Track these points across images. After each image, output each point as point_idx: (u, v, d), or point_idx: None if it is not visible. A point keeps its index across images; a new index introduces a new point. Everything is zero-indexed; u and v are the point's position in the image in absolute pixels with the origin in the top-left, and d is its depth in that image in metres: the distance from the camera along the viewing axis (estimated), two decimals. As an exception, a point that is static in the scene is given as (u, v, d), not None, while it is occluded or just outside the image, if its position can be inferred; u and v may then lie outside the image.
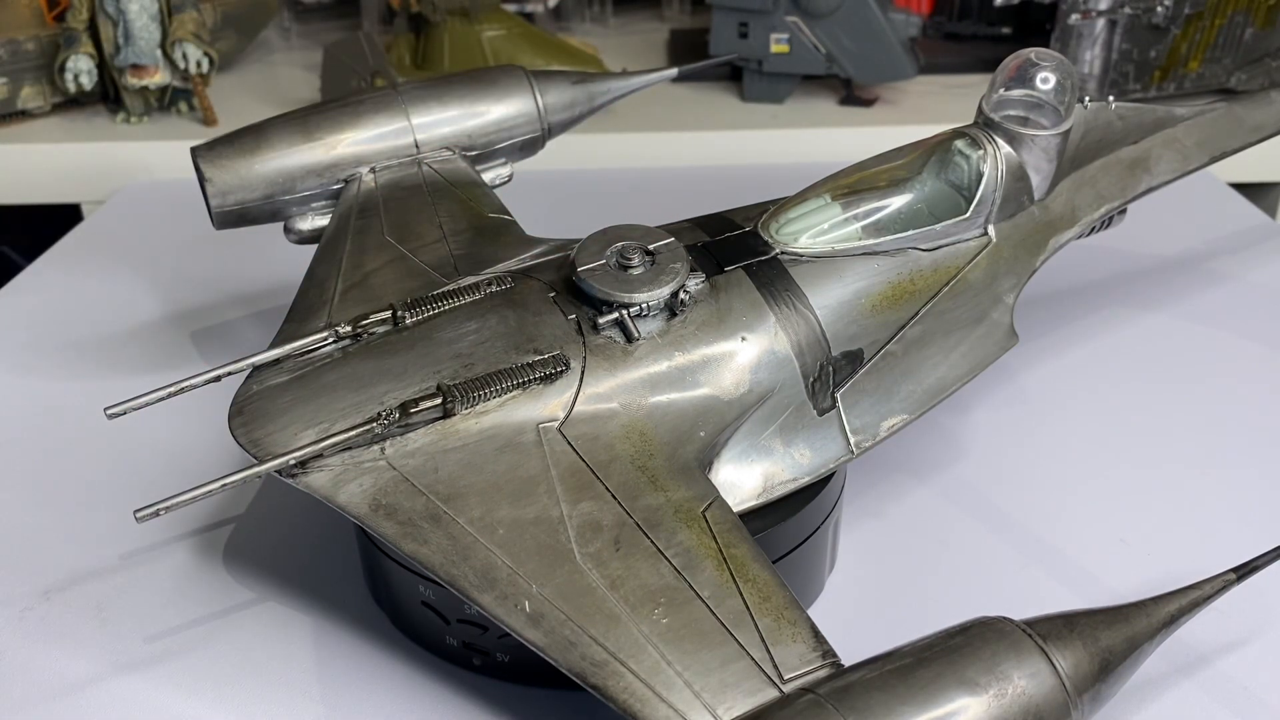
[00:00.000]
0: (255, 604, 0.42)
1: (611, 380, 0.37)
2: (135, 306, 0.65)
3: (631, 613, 0.31)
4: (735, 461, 0.38)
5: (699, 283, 0.38)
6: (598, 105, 0.54)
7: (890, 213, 0.42)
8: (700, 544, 0.33)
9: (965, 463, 0.50)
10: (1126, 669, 0.30)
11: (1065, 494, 0.48)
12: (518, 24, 0.96)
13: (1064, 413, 0.54)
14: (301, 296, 0.42)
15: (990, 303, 0.43)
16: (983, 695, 0.28)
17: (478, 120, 0.50)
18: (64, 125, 0.90)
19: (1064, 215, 0.46)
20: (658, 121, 0.88)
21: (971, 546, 0.45)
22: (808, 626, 0.31)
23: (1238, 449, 0.51)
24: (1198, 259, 0.68)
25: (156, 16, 0.86)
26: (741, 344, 0.38)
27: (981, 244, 0.43)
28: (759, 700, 0.29)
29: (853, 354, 0.40)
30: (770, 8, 0.87)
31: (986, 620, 0.30)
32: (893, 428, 0.40)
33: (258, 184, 0.47)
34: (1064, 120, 0.43)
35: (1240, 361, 0.58)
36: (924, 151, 0.44)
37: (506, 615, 0.31)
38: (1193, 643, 0.39)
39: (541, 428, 0.35)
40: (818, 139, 0.87)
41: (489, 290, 0.39)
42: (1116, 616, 0.31)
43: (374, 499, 0.34)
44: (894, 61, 0.88)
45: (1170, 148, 0.51)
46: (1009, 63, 0.44)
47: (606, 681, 0.30)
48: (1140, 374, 0.57)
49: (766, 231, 0.41)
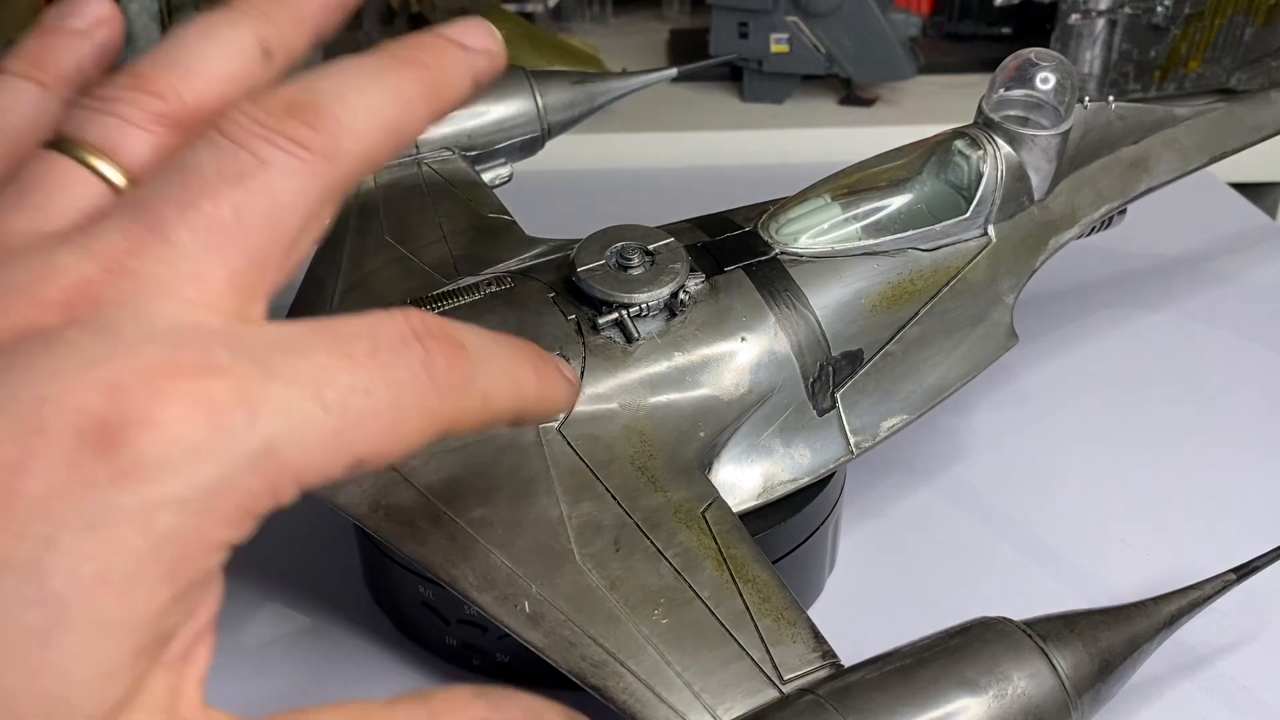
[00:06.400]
0: (255, 604, 0.42)
1: (611, 380, 0.37)
2: (135, 306, 0.65)
3: (631, 613, 0.31)
4: (735, 462, 0.38)
5: (699, 283, 0.38)
6: (598, 105, 0.54)
7: (890, 213, 0.42)
8: (700, 544, 0.33)
9: (965, 463, 0.50)
10: (1127, 669, 0.30)
11: (1065, 494, 0.48)
12: (518, 24, 0.96)
13: (1064, 413, 0.54)
14: (301, 296, 0.42)
15: (990, 303, 0.43)
16: (983, 696, 0.28)
17: (477, 120, 0.50)
18: (64, 125, 0.90)
19: (1064, 215, 0.46)
20: (658, 121, 0.88)
21: (971, 546, 0.45)
22: (807, 627, 0.31)
23: (1238, 449, 0.51)
24: (1198, 259, 0.68)
25: (156, 17, 0.86)
26: (741, 344, 0.38)
27: (981, 244, 0.43)
28: (759, 701, 0.29)
29: (853, 354, 0.40)
30: (770, 8, 0.87)
31: (986, 620, 0.30)
32: (893, 428, 0.40)
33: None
34: (1064, 120, 0.43)
35: (1240, 361, 0.58)
36: (924, 151, 0.44)
37: (506, 615, 0.31)
38: (1193, 643, 0.39)
39: (541, 428, 0.35)
40: (818, 139, 0.87)
41: (489, 290, 0.39)
42: (1116, 617, 0.31)
43: (374, 499, 0.34)
44: (894, 61, 0.88)
45: (1170, 148, 0.51)
46: (1009, 63, 0.43)
47: (606, 682, 0.30)
48: (1140, 374, 0.57)
49: (766, 232, 0.41)
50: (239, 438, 0.19)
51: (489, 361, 0.24)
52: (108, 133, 0.23)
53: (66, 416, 0.18)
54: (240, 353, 0.20)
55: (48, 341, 0.19)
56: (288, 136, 0.22)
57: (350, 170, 0.23)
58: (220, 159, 0.22)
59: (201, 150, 0.22)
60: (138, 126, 0.23)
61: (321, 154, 0.22)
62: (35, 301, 0.20)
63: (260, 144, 0.22)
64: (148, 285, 0.20)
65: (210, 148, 0.22)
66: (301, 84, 0.23)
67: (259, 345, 0.21)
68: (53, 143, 0.23)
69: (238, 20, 0.25)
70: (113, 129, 0.23)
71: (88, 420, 0.18)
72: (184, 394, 0.19)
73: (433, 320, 0.23)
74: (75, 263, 0.20)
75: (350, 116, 0.23)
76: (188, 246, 0.21)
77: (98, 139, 0.23)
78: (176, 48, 0.24)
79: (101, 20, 0.27)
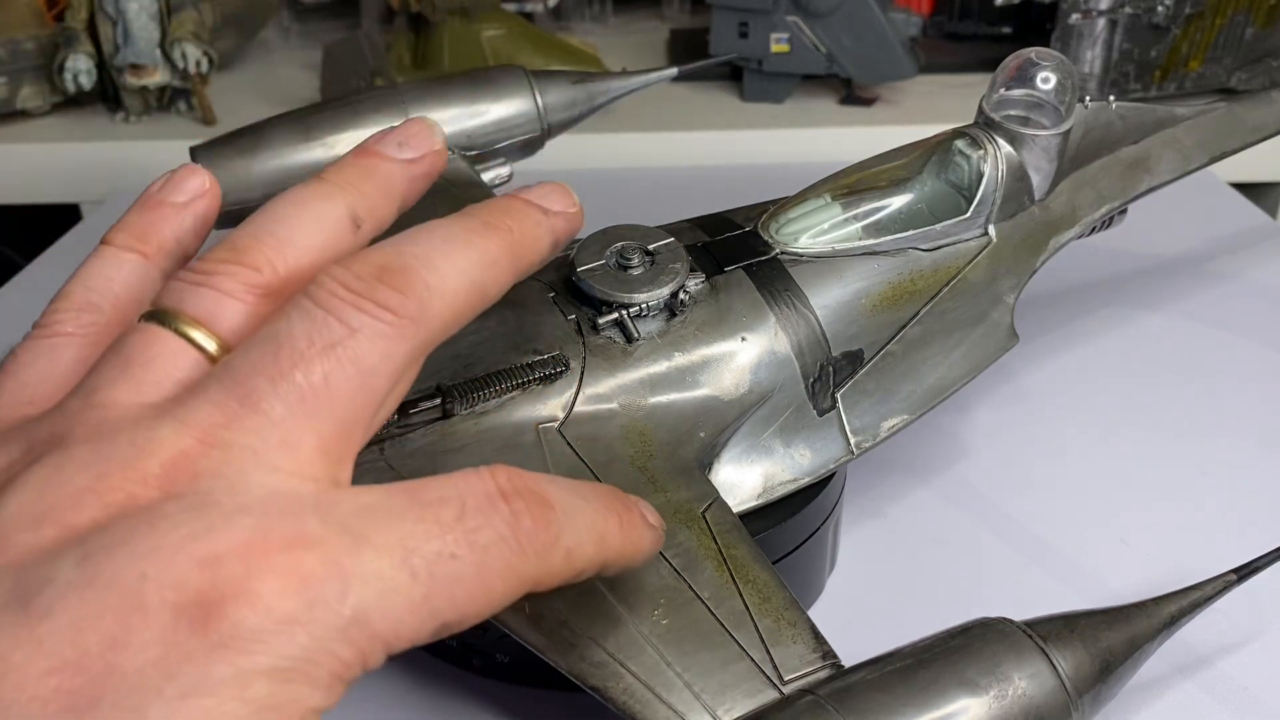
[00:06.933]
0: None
1: (611, 381, 0.37)
2: (135, 306, 0.65)
3: (631, 613, 0.31)
4: (735, 462, 0.38)
5: (699, 283, 0.38)
6: (598, 105, 0.54)
7: (890, 213, 0.42)
8: (700, 545, 0.33)
9: (965, 463, 0.50)
10: (1127, 670, 0.30)
11: (1065, 494, 0.48)
12: (518, 23, 0.96)
13: (1064, 413, 0.54)
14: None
15: (990, 303, 0.43)
16: (983, 696, 0.28)
17: (477, 120, 0.50)
18: (63, 125, 0.90)
19: (1064, 215, 0.46)
20: (658, 121, 0.88)
21: (971, 546, 0.45)
22: (808, 627, 0.31)
23: (1238, 449, 0.51)
24: (1198, 259, 0.68)
25: (156, 16, 0.86)
26: (741, 344, 0.38)
27: (982, 244, 0.43)
28: (759, 701, 0.29)
29: (853, 354, 0.40)
30: (770, 7, 0.87)
31: (987, 621, 0.30)
32: (893, 428, 0.40)
33: (257, 184, 0.47)
34: (1065, 120, 0.43)
35: (1240, 361, 0.58)
36: (924, 151, 0.44)
37: (506, 616, 0.31)
38: (1193, 643, 0.39)
39: (541, 428, 0.35)
40: (818, 139, 0.87)
41: (488, 290, 0.39)
42: (1117, 617, 0.31)
43: (373, 499, 0.34)
44: (894, 61, 0.88)
45: (1171, 147, 0.50)
46: (1009, 62, 0.43)
47: (606, 682, 0.30)
48: (1140, 374, 0.57)
49: (766, 231, 0.41)
50: (330, 608, 0.20)
51: (574, 517, 0.24)
52: (204, 304, 0.24)
53: (166, 593, 0.19)
54: (331, 521, 0.21)
55: (148, 517, 0.20)
56: (377, 302, 0.23)
57: (437, 331, 0.24)
58: (312, 328, 0.22)
59: (294, 319, 0.23)
60: (233, 297, 0.24)
61: (410, 318, 0.23)
62: (136, 476, 0.21)
63: (350, 311, 0.23)
64: (241, 456, 0.21)
65: (303, 316, 0.23)
66: (391, 248, 0.24)
67: (349, 512, 0.21)
68: (152, 314, 0.24)
69: (331, 194, 0.26)
70: (209, 300, 0.24)
71: (186, 596, 0.19)
72: (278, 566, 0.20)
73: (518, 477, 0.23)
74: (173, 436, 0.21)
75: (438, 280, 0.24)
76: (280, 417, 0.22)
77: (195, 310, 0.24)
78: (272, 219, 0.26)
79: (200, 193, 0.29)
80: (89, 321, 0.26)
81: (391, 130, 0.29)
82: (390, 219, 0.28)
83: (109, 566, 0.19)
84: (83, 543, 0.20)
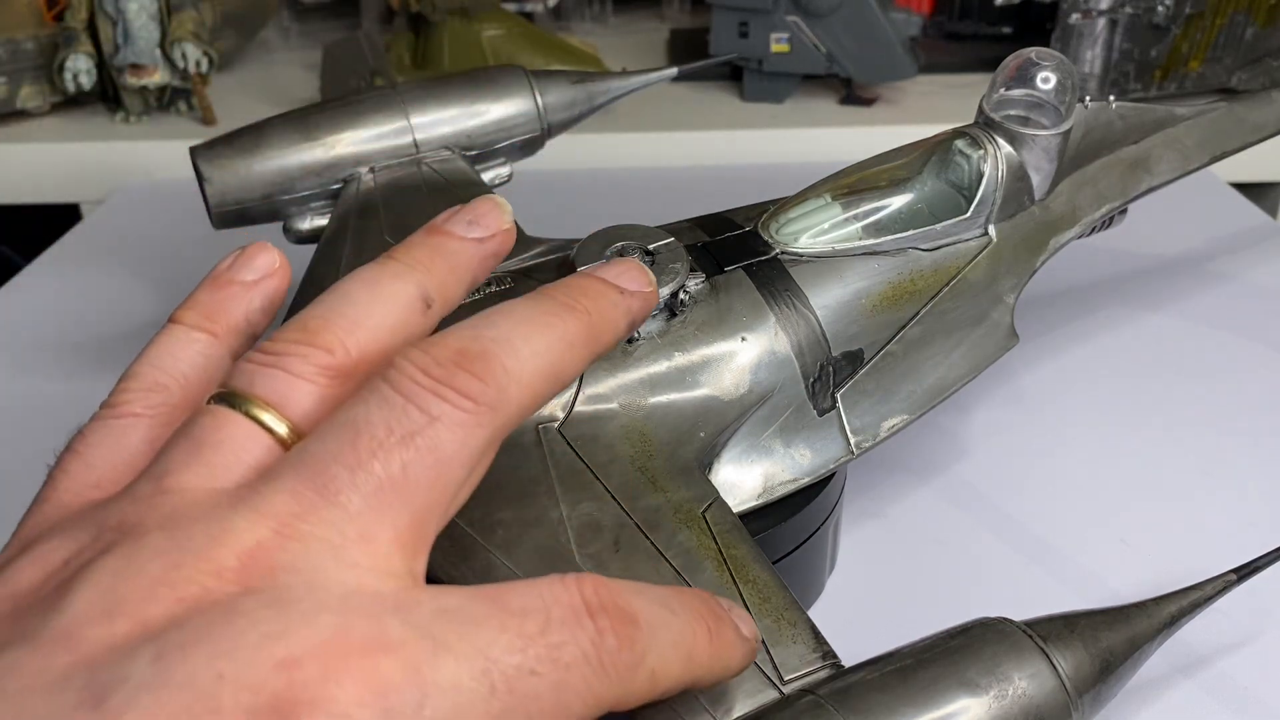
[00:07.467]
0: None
1: (611, 380, 0.37)
2: (135, 306, 0.65)
3: (631, 613, 0.31)
4: (735, 462, 0.38)
5: (699, 283, 0.38)
6: (598, 105, 0.54)
7: (890, 213, 0.42)
8: (700, 545, 0.33)
9: (965, 463, 0.50)
10: (1127, 670, 0.30)
11: (1065, 494, 0.48)
12: (517, 23, 0.96)
13: (1064, 413, 0.54)
14: (301, 297, 0.42)
15: (990, 303, 0.43)
16: (983, 696, 0.28)
17: (477, 120, 0.50)
18: (63, 125, 0.90)
19: (1065, 215, 0.46)
20: (658, 121, 0.88)
21: (971, 546, 0.45)
22: (808, 627, 0.31)
23: (1238, 449, 0.51)
24: (1198, 259, 0.68)
25: (156, 16, 0.86)
26: (741, 344, 0.38)
27: (982, 244, 0.43)
28: (759, 701, 0.29)
29: (853, 354, 0.40)
30: (770, 7, 0.87)
31: (987, 621, 0.30)
32: (893, 428, 0.40)
33: (257, 184, 0.47)
34: (1065, 120, 0.43)
35: (1240, 361, 0.58)
36: (924, 151, 0.44)
37: None
38: (1193, 643, 0.39)
39: (541, 428, 0.35)
40: (818, 139, 0.87)
41: (488, 291, 0.39)
42: (1117, 617, 0.31)
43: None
44: (894, 61, 0.88)
45: (1171, 147, 0.50)
46: (1009, 62, 0.43)
47: (606, 682, 0.30)
48: (1140, 374, 0.57)
49: (766, 231, 0.41)
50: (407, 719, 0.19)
51: (660, 634, 0.23)
52: (275, 386, 0.23)
53: (242, 696, 0.18)
54: (411, 623, 0.20)
55: (225, 613, 0.19)
56: (457, 389, 0.22)
57: (514, 417, 0.24)
58: (390, 415, 0.22)
59: (372, 405, 0.22)
60: (305, 379, 0.23)
61: (488, 405, 0.23)
62: (211, 568, 0.20)
63: (429, 398, 0.22)
64: (318, 550, 0.21)
65: (381, 403, 0.22)
66: (469, 332, 0.24)
67: (430, 614, 0.21)
68: (222, 396, 0.23)
69: (402, 273, 0.26)
70: (280, 383, 0.23)
71: (262, 699, 0.19)
72: (356, 671, 0.19)
73: (606, 590, 0.23)
74: (248, 526, 0.21)
75: (517, 364, 0.23)
76: (357, 509, 0.21)
77: (266, 393, 0.23)
78: (342, 299, 0.25)
79: (270, 271, 0.28)
80: (158, 402, 0.26)
81: (461, 209, 0.28)
82: (460, 298, 0.28)
83: (184, 666, 0.19)
84: (157, 639, 0.19)
